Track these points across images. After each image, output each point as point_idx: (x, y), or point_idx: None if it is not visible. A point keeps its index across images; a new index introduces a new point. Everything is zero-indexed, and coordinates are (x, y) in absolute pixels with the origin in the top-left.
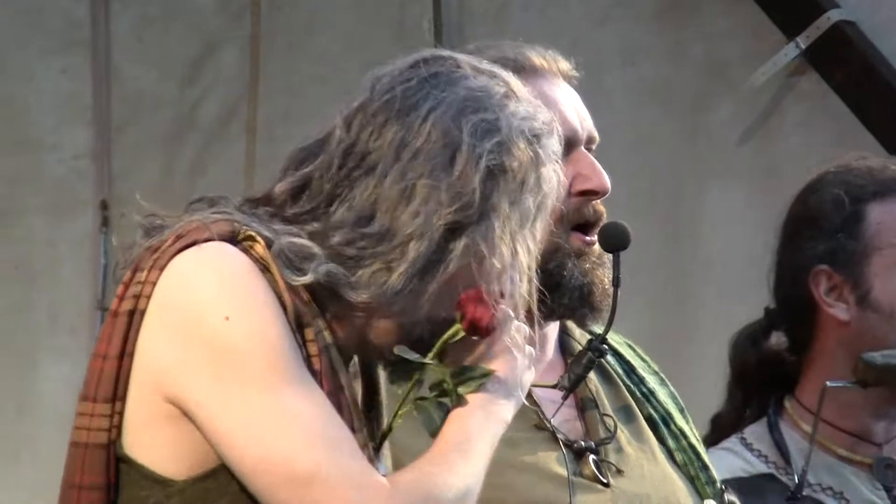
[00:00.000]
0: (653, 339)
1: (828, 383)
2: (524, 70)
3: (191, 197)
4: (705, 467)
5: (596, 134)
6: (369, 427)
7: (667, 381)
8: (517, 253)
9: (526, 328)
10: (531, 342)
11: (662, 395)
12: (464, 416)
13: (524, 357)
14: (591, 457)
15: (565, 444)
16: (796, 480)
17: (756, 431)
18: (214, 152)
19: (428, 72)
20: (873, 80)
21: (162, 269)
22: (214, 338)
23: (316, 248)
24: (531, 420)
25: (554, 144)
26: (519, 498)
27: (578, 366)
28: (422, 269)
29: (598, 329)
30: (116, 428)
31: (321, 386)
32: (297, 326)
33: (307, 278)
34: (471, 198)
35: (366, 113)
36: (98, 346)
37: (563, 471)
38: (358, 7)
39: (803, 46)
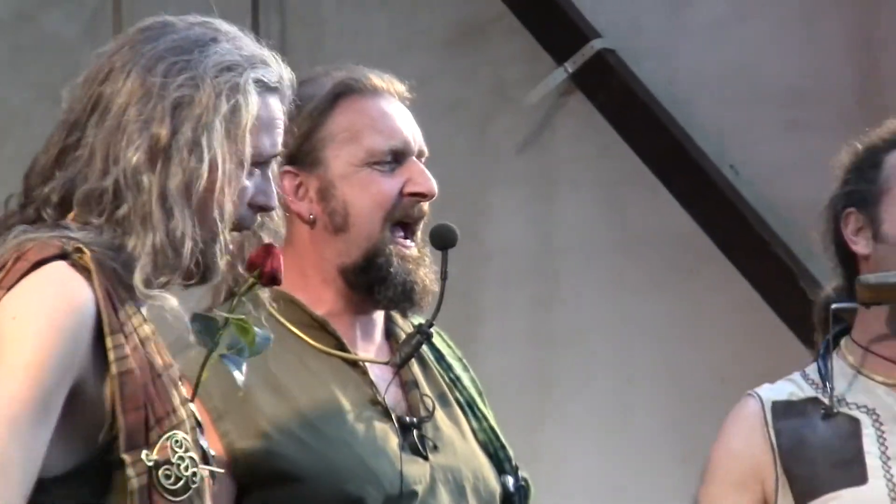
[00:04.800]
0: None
1: (833, 306)
2: (366, 89)
3: None
4: (503, 447)
5: (426, 149)
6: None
7: (468, 367)
8: (224, 169)
9: None
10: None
11: (466, 380)
12: None
13: None
14: (415, 431)
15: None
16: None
17: (814, 365)
18: None
19: (138, 35)
20: (631, 100)
21: (9, 289)
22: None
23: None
24: (367, 395)
25: (263, 74)
26: (356, 467)
27: (408, 346)
28: (164, 208)
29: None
30: None
31: (131, 380)
32: (114, 331)
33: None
34: (157, 131)
35: (79, 91)
36: None
37: (394, 443)
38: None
39: (570, 71)
